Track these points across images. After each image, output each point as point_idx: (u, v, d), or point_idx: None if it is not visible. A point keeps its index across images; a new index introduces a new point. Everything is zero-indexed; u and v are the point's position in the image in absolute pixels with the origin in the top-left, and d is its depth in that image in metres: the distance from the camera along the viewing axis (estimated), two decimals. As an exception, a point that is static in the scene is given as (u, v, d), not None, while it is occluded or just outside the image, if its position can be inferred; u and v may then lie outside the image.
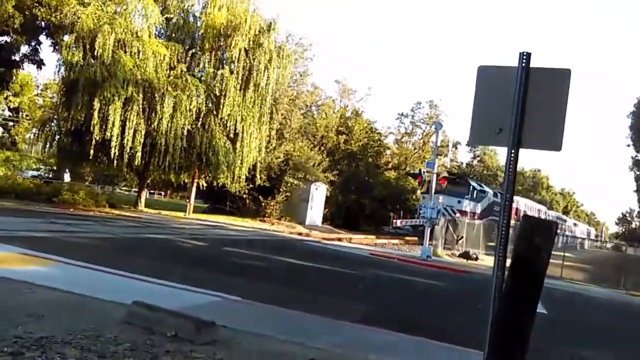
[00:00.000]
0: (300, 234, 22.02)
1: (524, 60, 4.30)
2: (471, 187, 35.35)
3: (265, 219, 30.15)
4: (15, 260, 7.31)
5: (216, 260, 11.15)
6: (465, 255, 21.23)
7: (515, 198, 45.92)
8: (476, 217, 34.65)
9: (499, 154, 78.70)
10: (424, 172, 19.73)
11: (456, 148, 58.45)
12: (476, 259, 21.19)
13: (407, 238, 30.63)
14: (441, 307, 9.30)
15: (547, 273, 3.93)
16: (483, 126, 4.48)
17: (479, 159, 79.45)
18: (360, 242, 22.53)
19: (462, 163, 72.74)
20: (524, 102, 4.25)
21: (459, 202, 31.99)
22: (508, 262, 4.29)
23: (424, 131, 56.96)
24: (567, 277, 18.40)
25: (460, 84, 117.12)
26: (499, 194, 40.98)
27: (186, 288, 6.96)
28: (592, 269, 26.09)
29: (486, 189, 40.42)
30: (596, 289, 16.80)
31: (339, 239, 21.56)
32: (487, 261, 21.15)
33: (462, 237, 23.28)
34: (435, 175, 18.64)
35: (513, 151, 4.24)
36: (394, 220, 25.76)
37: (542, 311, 7.83)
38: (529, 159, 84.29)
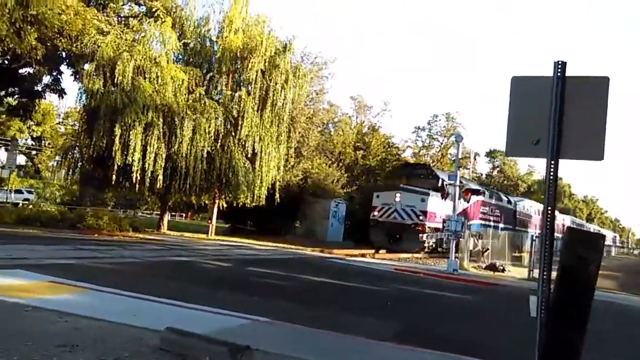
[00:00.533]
0: (322, 251, 21.85)
1: (559, 70, 4.21)
2: (440, 180, 27.12)
3: (287, 237, 30.09)
4: (45, 289, 7.32)
5: (241, 281, 11.09)
6: (492, 267, 20.86)
7: (525, 204, 43.71)
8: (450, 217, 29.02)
9: (519, 164, 77.97)
10: (446, 184, 19.50)
11: (475, 159, 58.06)
12: (503, 270, 20.81)
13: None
14: (476, 322, 9.07)
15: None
16: (520, 138, 4.39)
17: (498, 169, 78.76)
18: (383, 258, 22.28)
19: (481, 174, 72.13)
20: (562, 112, 4.15)
21: (423, 200, 25.37)
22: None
23: (442, 144, 56.80)
24: (598, 286, 17.90)
25: (476, 95, 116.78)
26: (486, 192, 34.06)
27: (215, 311, 6.91)
28: (622, 277, 25.40)
29: (468, 183, 31.94)
30: (630, 297, 16.30)
31: (362, 255, 21.36)
32: (513, 272, 20.82)
33: (488, 249, 22.87)
34: (457, 188, 18.41)
35: (553, 162, 4.13)
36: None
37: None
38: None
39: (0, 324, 5.33)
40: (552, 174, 4.16)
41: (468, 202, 22.19)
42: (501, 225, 33.45)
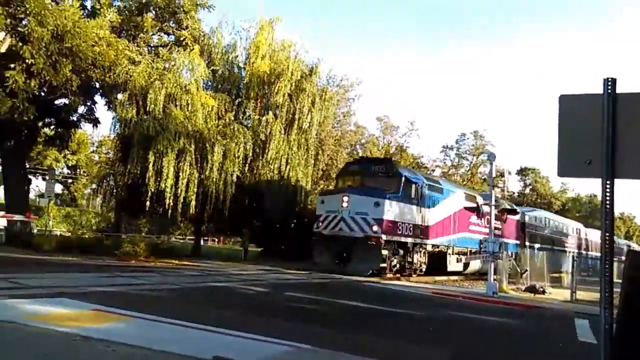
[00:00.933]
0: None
1: (609, 87, 4.13)
2: (403, 178, 21.11)
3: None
4: (90, 317, 7.40)
5: (280, 307, 11.05)
6: (532, 289, 20.30)
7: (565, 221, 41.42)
8: (419, 231, 21.77)
9: (552, 181, 76.59)
10: (481, 205, 19.16)
11: (507, 177, 57.26)
12: (543, 292, 20.26)
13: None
14: (525, 347, 8.79)
15: None
16: (571, 158, 4.29)
17: (530, 187, 77.46)
18: (419, 281, 21.89)
19: (513, 192, 70.94)
20: (615, 130, 4.06)
21: (377, 205, 19.61)
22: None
23: (471, 162, 56.19)
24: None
25: (505, 111, 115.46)
26: (464, 194, 26.40)
27: (257, 337, 6.87)
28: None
29: (443, 184, 25.58)
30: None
31: (398, 278, 21.05)
32: (554, 294, 20.24)
33: (527, 270, 22.23)
34: (493, 207, 18.05)
35: (608, 183, 4.02)
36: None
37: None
38: (583, 185, 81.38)
39: (53, 355, 5.40)
40: (608, 194, 4.05)
41: (505, 222, 21.28)
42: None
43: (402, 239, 20.87)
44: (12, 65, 20.46)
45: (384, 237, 19.65)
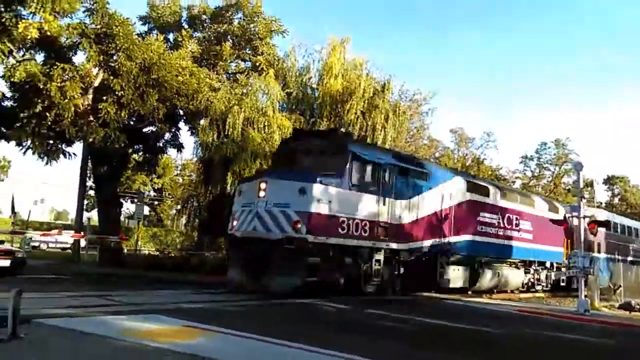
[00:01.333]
0: (437, 291, 21.11)
1: None
2: (350, 155, 14.64)
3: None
4: (180, 333, 7.73)
5: (361, 324, 11.02)
6: (627, 306, 18.90)
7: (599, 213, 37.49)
8: (384, 232, 15.38)
9: (643, 189, 71.29)
10: (568, 217, 18.14)
11: (593, 187, 54.23)
12: (640, 310, 18.82)
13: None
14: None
15: None
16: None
17: (619, 196, 72.74)
18: (499, 297, 21.06)
19: (600, 203, 66.94)
20: None
21: (303, 192, 13.55)
22: None
23: (554, 172, 53.66)
24: None
25: (588, 118, 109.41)
26: (464, 182, 19.73)
27: (341, 355, 6.88)
28: None
29: (430, 168, 18.63)
30: None
31: (480, 295, 20.35)
32: (651, 311, 18.76)
33: (620, 285, 20.75)
34: (583, 220, 17.01)
35: None
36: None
37: None
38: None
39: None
40: None
41: (595, 234, 19.87)
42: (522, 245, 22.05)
43: (348, 242, 14.47)
44: (104, 98, 22.23)
45: (311, 238, 13.59)
